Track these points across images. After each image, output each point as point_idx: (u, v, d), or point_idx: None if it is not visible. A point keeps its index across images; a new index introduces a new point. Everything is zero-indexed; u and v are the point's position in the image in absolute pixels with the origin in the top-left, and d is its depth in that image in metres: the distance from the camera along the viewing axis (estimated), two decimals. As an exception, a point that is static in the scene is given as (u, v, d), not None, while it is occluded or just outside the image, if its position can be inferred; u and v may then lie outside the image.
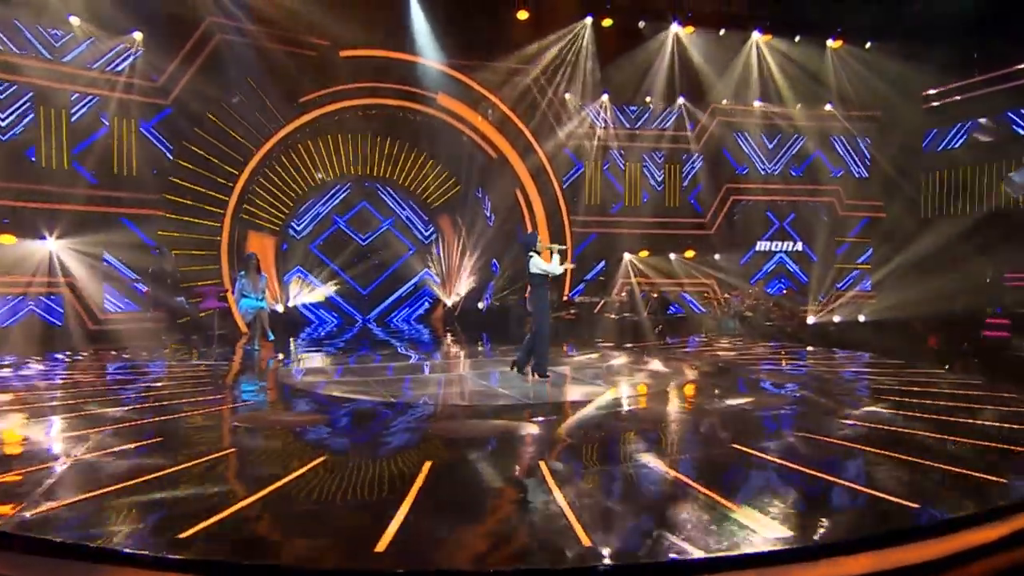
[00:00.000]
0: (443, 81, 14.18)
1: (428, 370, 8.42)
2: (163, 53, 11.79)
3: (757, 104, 16.09)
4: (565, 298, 14.59)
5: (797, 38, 14.98)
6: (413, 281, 15.53)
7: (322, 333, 13.09)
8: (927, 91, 14.83)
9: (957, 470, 4.15)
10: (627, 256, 15.59)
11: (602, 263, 15.61)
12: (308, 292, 14.68)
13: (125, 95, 11.65)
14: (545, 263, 7.28)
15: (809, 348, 11.02)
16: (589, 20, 14.52)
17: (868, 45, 14.96)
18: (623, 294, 14.68)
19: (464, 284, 15.44)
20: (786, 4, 14.07)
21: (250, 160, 12.90)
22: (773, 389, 7.12)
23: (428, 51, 13.75)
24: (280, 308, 13.81)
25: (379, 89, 13.88)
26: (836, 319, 13.71)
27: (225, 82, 12.09)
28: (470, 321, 14.86)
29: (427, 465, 4.26)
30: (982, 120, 13.74)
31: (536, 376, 7.31)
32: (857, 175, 16.80)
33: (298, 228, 14.68)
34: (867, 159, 16.75)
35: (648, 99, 15.85)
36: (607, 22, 14.54)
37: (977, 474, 4.04)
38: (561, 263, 7.51)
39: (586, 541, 3.15)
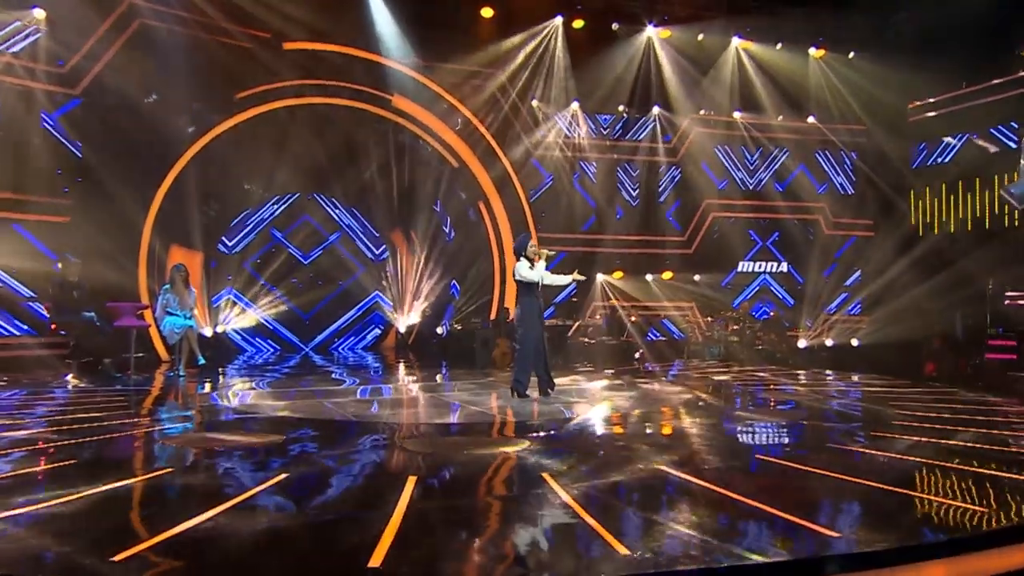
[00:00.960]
0: (400, 81, 14.10)
1: (385, 393, 8.23)
2: (72, 35, 11.07)
3: (737, 115, 16.55)
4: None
5: (779, 45, 15.47)
6: (362, 304, 15.28)
7: (257, 362, 12.59)
8: (913, 103, 15.49)
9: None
10: (600, 277, 15.59)
11: (573, 285, 15.45)
12: (240, 316, 14.28)
13: (23, 82, 10.91)
14: (527, 270, 7.33)
15: (813, 372, 11.22)
16: (559, 20, 14.71)
17: (851, 55, 15.56)
18: (597, 317, 14.55)
19: (420, 307, 15.31)
20: (768, 9, 14.55)
21: (175, 162, 12.37)
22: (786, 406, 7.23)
23: (384, 47, 13.65)
24: (208, 332, 13.19)
25: (327, 87, 13.72)
26: (829, 343, 13.99)
27: (147, 72, 11.51)
28: (427, 349, 14.68)
29: (411, 480, 4.06)
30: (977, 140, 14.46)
31: (514, 394, 7.32)
32: (843, 191, 17.37)
33: (230, 243, 14.27)
34: (853, 175, 17.35)
35: (621, 107, 16.10)
36: (578, 23, 14.78)
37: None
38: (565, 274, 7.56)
39: (622, 549, 2.96)
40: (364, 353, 14.66)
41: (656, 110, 16.33)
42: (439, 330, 14.84)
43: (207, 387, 8.79)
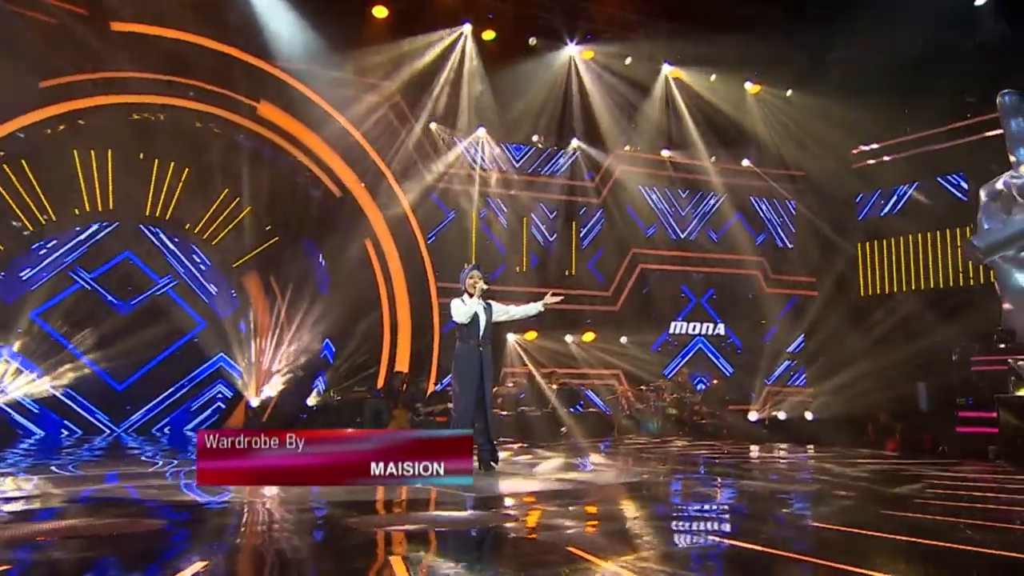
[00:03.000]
0: (268, 85, 13.60)
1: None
2: None
3: (666, 153, 17.13)
4: (429, 391, 13.84)
5: (713, 77, 16.20)
6: (201, 371, 14.30)
7: (40, 446, 11.02)
8: (857, 148, 16.59)
9: None
10: (511, 337, 15.38)
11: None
12: (22, 384, 12.95)
13: None
14: (460, 307, 7.25)
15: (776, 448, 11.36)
16: (468, 29, 14.70)
17: (789, 92, 16.54)
18: (511, 384, 14.27)
19: (281, 375, 14.59)
20: (699, 35, 15.23)
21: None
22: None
23: (251, 41, 13.12)
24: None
25: (170, 86, 13.05)
26: (782, 416, 14.31)
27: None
28: (291, 427, 13.46)
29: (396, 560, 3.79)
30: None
31: None
32: (782, 244, 18.21)
33: (13, 285, 12.95)
34: (793, 225, 18.25)
35: (536, 137, 16.27)
36: (489, 35, 14.84)
37: None
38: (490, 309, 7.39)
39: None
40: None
41: (576, 143, 16.56)
42: (311, 402, 14.04)
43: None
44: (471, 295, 7.40)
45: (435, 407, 12.66)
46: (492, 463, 7.32)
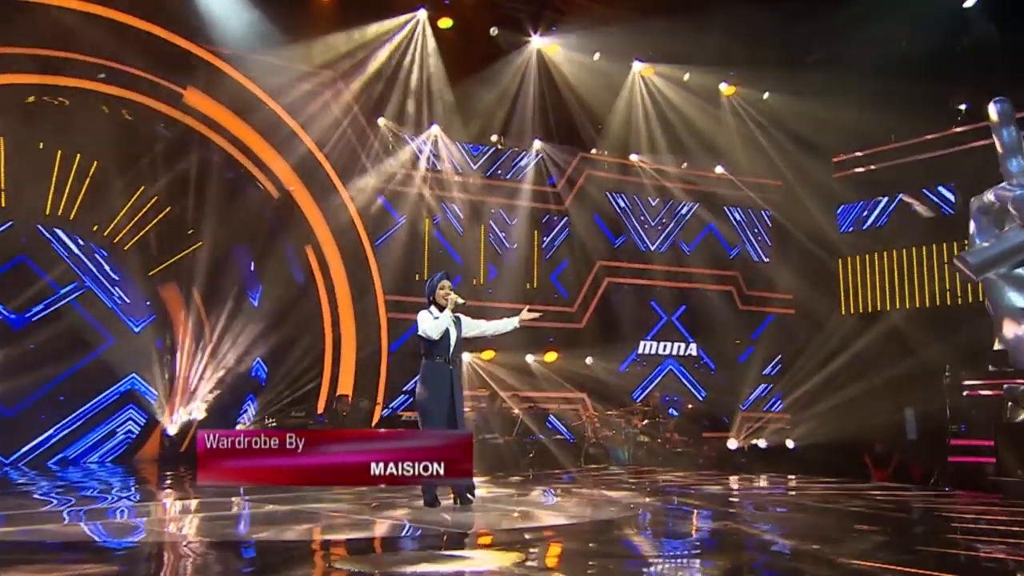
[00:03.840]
0: (197, 70, 13.31)
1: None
2: None
3: (635, 158, 17.14)
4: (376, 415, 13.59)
5: (687, 76, 16.23)
6: (108, 394, 13.90)
7: None
8: (838, 156, 16.76)
9: None
10: (465, 357, 14.94)
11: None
12: None
13: None
14: (430, 321, 7.20)
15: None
16: (423, 16, 14.53)
17: (766, 95, 16.66)
18: (467, 409, 13.83)
19: (203, 399, 14.33)
20: (672, 30, 15.19)
21: None
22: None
23: (178, 19, 12.84)
24: None
25: (71, 64, 12.57)
26: (762, 444, 14.35)
27: None
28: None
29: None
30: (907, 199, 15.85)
31: (424, 496, 7.14)
32: (758, 258, 18.35)
33: None
34: (768, 238, 18.40)
35: (495, 137, 16.17)
36: (445, 22, 14.72)
37: None
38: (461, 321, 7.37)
39: None
40: (108, 467, 13.24)
41: (538, 144, 16.48)
42: (240, 428, 13.50)
43: None
44: (440, 307, 7.26)
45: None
46: (469, 496, 7.20)
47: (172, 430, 14.02)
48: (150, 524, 6.98)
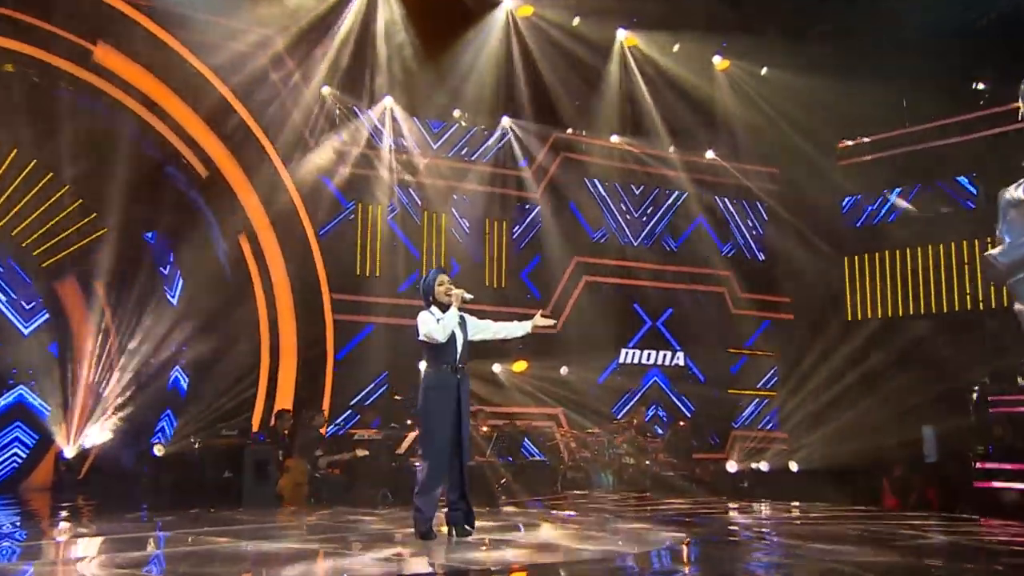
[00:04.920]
0: (111, 23, 12.99)
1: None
2: None
3: (616, 139, 17.06)
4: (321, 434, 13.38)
5: (676, 46, 16.09)
6: None
7: None
8: (844, 142, 16.73)
9: None
10: (423, 365, 14.60)
11: (384, 375, 15.18)
12: None
13: None
14: (433, 324, 7.16)
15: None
16: (377, -33, 14.35)
17: (764, 70, 16.57)
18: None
19: (109, 416, 13.93)
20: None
21: None
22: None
23: None
24: None
25: None
26: (764, 467, 14.45)
27: None
28: (124, 486, 13.24)
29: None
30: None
31: (416, 527, 7.09)
32: (751, 255, 18.34)
33: None
34: (765, 234, 18.37)
35: (458, 113, 16.00)
36: (402, -24, 14.59)
37: None
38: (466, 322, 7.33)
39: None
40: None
41: (508, 121, 16.32)
42: (157, 452, 13.24)
43: None
44: (442, 306, 7.18)
45: (339, 455, 12.26)
46: (468, 527, 7.15)
47: (69, 452, 13.61)
48: (39, 570, 6.62)
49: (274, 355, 14.07)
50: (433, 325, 7.03)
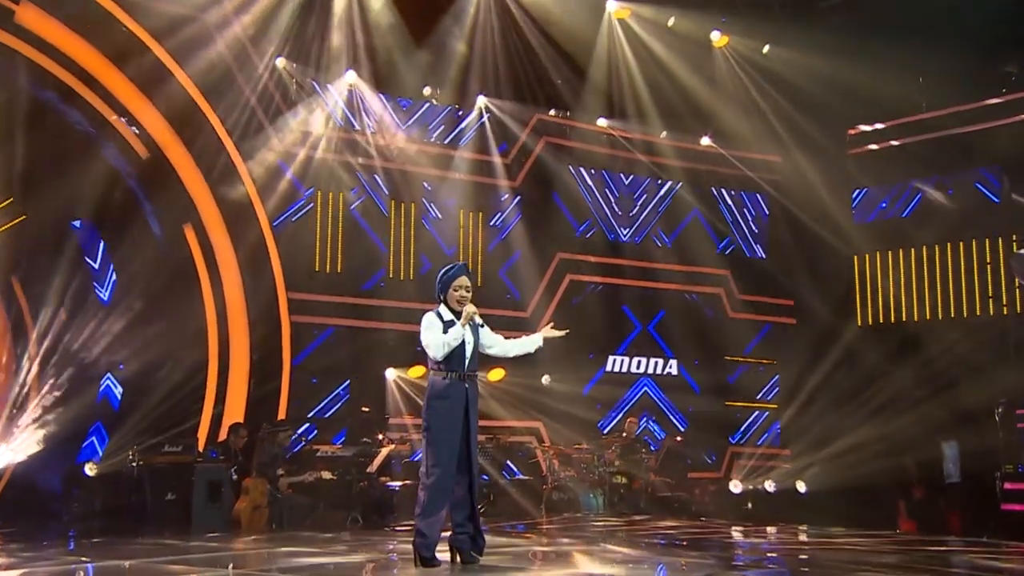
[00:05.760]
0: None
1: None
2: None
3: (603, 123, 17.03)
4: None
5: (671, 20, 15.85)
6: None
7: None
8: (855, 129, 16.66)
9: None
10: (391, 373, 15.12)
11: (346, 383, 15.24)
12: None
13: None
14: (435, 332, 7.04)
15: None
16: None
17: (766, 48, 16.34)
18: (391, 443, 13.70)
19: (25, 431, 13.52)
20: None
21: None
22: None
23: None
24: None
25: None
26: (770, 488, 14.31)
27: None
28: (46, 511, 13.01)
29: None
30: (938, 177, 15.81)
31: (417, 553, 7.00)
32: (751, 253, 18.34)
33: None
34: (767, 229, 18.35)
35: (428, 90, 15.87)
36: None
37: None
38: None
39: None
40: None
41: (484, 101, 16.20)
42: (89, 470, 12.95)
43: None
44: (452, 308, 7.08)
45: (303, 475, 12.15)
46: (475, 553, 7.09)
47: (-21, 473, 13.47)
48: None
49: (223, 361, 13.97)
50: (436, 338, 6.92)
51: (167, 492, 11.69)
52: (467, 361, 7.06)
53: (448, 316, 7.02)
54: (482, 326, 7.26)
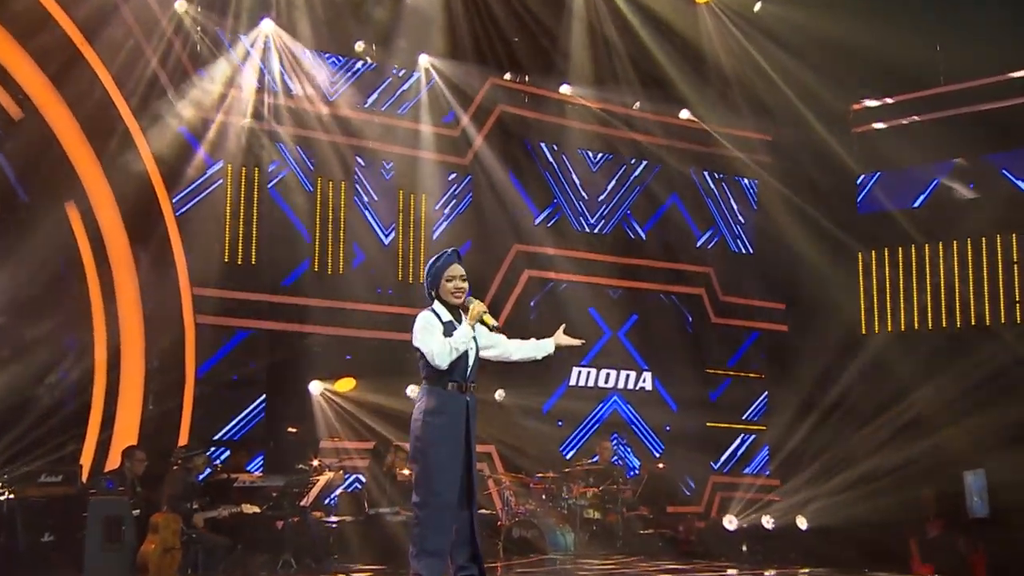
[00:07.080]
0: None
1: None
2: None
3: (567, 89, 16.96)
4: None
5: None
6: None
7: None
8: (859, 103, 16.67)
9: None
10: (316, 387, 15.00)
11: (262, 398, 15.13)
12: None
13: None
14: (434, 337, 6.64)
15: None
16: None
17: (757, 6, 16.34)
18: (331, 471, 13.61)
19: None
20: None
21: None
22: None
23: None
24: None
25: None
26: (768, 524, 14.25)
27: None
28: None
29: None
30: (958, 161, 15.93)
31: None
32: (736, 248, 18.43)
33: None
34: (755, 219, 18.42)
35: (361, 46, 15.70)
36: None
37: None
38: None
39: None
40: None
41: (428, 61, 16.05)
42: None
43: None
44: (450, 306, 6.71)
45: (218, 510, 12.04)
46: None
47: None
48: None
49: (112, 371, 13.72)
50: (438, 344, 6.52)
51: (45, 532, 11.40)
52: (469, 369, 6.74)
53: (447, 316, 6.70)
54: (494, 328, 7.00)
